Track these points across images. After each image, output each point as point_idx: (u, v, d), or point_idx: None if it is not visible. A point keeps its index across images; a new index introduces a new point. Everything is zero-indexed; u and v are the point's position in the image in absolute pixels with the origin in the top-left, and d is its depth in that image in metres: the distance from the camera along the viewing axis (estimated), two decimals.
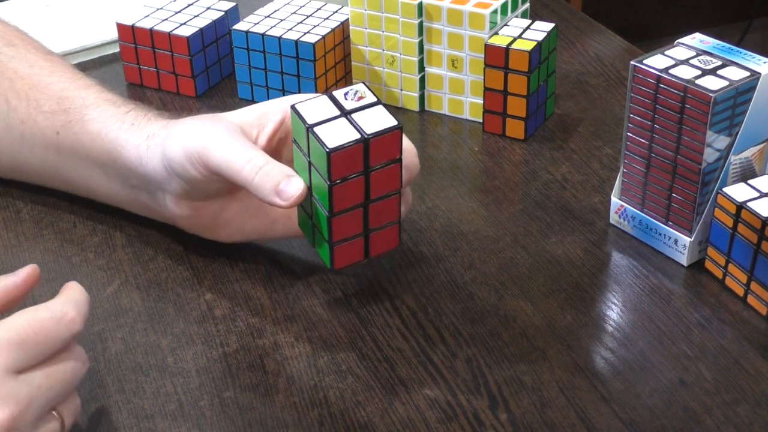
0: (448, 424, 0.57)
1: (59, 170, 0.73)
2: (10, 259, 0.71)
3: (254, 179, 0.60)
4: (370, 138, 0.58)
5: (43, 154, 0.72)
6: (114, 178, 0.70)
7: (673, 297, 0.66)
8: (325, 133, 0.58)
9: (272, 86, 0.89)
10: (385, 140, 0.59)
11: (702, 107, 0.64)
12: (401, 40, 0.86)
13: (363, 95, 0.60)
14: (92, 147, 0.70)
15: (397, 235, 0.63)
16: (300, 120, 0.59)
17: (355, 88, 0.61)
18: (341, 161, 0.58)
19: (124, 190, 0.70)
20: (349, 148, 0.58)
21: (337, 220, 0.60)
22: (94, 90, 0.73)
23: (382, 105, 0.60)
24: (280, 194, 0.60)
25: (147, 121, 0.69)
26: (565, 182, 0.78)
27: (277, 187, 0.60)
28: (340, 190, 0.59)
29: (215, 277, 0.69)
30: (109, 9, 1.05)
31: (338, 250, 0.61)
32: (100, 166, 0.70)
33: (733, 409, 0.57)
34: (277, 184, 0.60)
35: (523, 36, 0.83)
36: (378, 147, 0.59)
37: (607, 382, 0.59)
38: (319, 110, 0.59)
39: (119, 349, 0.63)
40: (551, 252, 0.70)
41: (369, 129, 0.58)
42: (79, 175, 0.72)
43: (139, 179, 0.68)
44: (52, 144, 0.71)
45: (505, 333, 0.63)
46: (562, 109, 0.89)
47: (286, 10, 0.91)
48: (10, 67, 0.74)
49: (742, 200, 0.64)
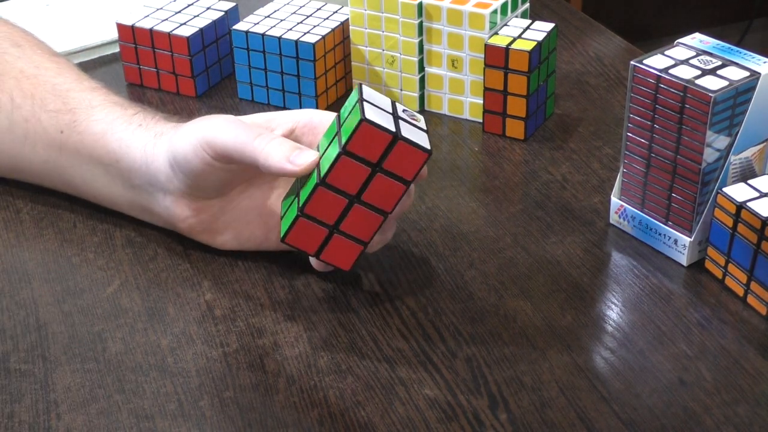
0: (448, 424, 0.57)
1: (60, 170, 0.73)
2: (10, 259, 0.71)
3: (264, 148, 0.61)
4: (400, 139, 0.59)
5: (45, 153, 0.72)
6: (115, 179, 0.70)
7: (673, 297, 0.66)
8: (370, 110, 0.59)
9: (272, 86, 0.89)
10: (410, 151, 0.60)
11: (702, 107, 0.64)
12: (401, 40, 0.86)
13: (418, 120, 0.63)
14: (95, 147, 0.70)
15: (354, 259, 0.63)
16: (358, 93, 0.61)
17: (416, 113, 0.63)
18: (365, 136, 0.58)
19: (125, 192, 0.71)
20: (378, 131, 0.58)
21: (322, 192, 0.60)
22: (100, 92, 0.73)
23: (426, 133, 0.62)
24: (293, 160, 0.60)
25: (155, 123, 0.69)
26: (565, 182, 0.78)
27: (289, 156, 0.60)
28: (345, 163, 0.59)
29: (215, 277, 0.69)
30: (109, 9, 1.06)
31: (300, 224, 0.61)
32: (102, 167, 0.70)
33: (732, 409, 0.57)
34: (289, 153, 0.60)
35: (523, 36, 0.83)
36: (401, 152, 0.59)
37: (607, 382, 0.59)
38: (378, 100, 0.61)
39: (119, 349, 0.63)
40: (551, 252, 0.70)
41: (405, 134, 0.60)
42: (80, 175, 0.72)
43: (141, 179, 0.68)
44: (55, 143, 0.72)
45: (505, 333, 0.63)
46: (562, 109, 0.89)
47: (286, 10, 0.91)
48: (16, 66, 0.75)
49: (742, 200, 0.64)
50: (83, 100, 0.72)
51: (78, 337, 0.64)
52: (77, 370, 0.61)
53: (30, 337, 0.64)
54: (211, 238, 0.69)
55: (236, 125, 0.62)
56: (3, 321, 0.65)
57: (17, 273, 0.70)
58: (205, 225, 0.68)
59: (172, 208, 0.68)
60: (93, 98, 0.72)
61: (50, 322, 0.65)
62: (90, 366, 0.61)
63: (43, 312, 0.66)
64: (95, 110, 0.71)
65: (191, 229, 0.69)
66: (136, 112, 0.71)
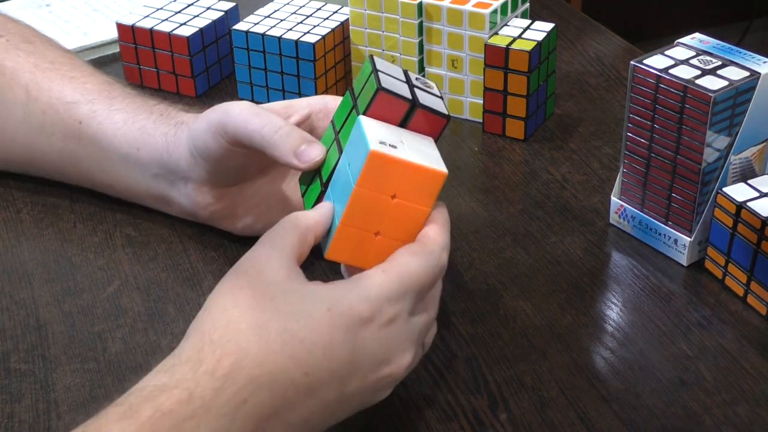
0: (448, 424, 0.57)
1: (77, 160, 0.73)
2: (10, 259, 0.71)
3: (273, 137, 0.60)
4: (418, 106, 0.58)
5: (62, 144, 0.73)
6: (134, 168, 0.70)
7: (673, 297, 0.66)
8: (386, 79, 0.58)
9: (272, 86, 0.89)
10: (428, 118, 0.59)
11: (702, 107, 0.64)
12: (401, 40, 0.86)
13: (431, 87, 0.61)
14: (116, 136, 0.70)
15: None
16: (371, 65, 0.59)
17: (429, 80, 0.62)
18: (383, 105, 0.57)
19: (144, 181, 0.71)
20: (396, 98, 0.58)
21: None
22: (118, 85, 0.74)
23: (442, 99, 0.61)
24: (300, 156, 0.60)
25: (177, 112, 0.70)
26: (565, 182, 0.78)
27: (297, 149, 0.60)
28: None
29: (215, 277, 0.69)
30: (109, 9, 1.06)
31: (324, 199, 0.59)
32: (121, 156, 0.70)
33: (732, 409, 0.57)
34: (296, 146, 0.60)
35: (523, 36, 0.83)
36: (419, 119, 0.58)
37: (607, 382, 0.59)
38: (391, 69, 0.60)
39: (119, 349, 0.63)
40: (551, 252, 0.70)
41: (422, 101, 0.58)
42: (97, 165, 0.72)
43: (162, 168, 0.68)
44: (73, 133, 0.72)
45: (505, 333, 0.63)
46: (562, 109, 0.89)
47: (286, 10, 0.91)
48: (30, 61, 0.75)
49: (742, 200, 0.64)
50: (102, 91, 0.73)
51: (78, 337, 0.64)
52: (77, 370, 0.61)
53: (30, 337, 0.64)
54: (231, 224, 0.70)
55: (250, 112, 0.62)
56: (3, 321, 0.65)
57: (17, 273, 0.70)
58: (227, 211, 0.69)
59: (194, 195, 0.68)
60: (111, 90, 0.73)
61: (50, 322, 0.65)
62: (90, 366, 0.61)
63: (43, 312, 0.66)
64: (115, 101, 0.72)
65: (212, 216, 0.69)
66: (156, 103, 0.72)
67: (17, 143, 0.75)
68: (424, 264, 0.54)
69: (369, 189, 0.55)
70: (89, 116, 0.71)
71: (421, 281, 0.53)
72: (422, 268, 0.54)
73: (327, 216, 0.56)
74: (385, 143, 0.55)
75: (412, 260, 0.53)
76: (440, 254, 0.55)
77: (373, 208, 0.55)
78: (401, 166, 0.55)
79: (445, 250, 0.55)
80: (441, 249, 0.55)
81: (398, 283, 0.53)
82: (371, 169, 0.54)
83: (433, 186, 0.56)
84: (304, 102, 0.66)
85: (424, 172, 0.55)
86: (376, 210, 0.55)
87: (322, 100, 0.66)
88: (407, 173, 0.55)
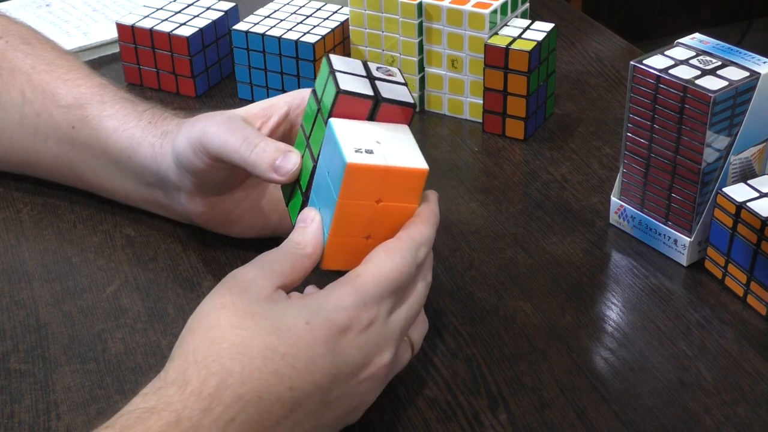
0: (447, 424, 0.57)
1: (72, 165, 0.73)
2: (10, 259, 0.71)
3: (250, 157, 0.60)
4: (381, 101, 0.58)
5: (57, 147, 0.73)
6: (128, 175, 0.70)
7: (672, 297, 0.66)
8: (344, 79, 0.58)
9: (272, 86, 0.89)
10: (394, 110, 0.58)
11: (702, 107, 0.64)
12: (401, 40, 0.86)
13: (393, 74, 0.61)
14: (108, 143, 0.70)
15: None
16: (328, 65, 0.59)
17: (390, 67, 0.61)
18: (346, 107, 0.57)
19: (139, 188, 0.71)
20: (358, 98, 0.57)
21: None
22: (111, 89, 0.74)
23: (406, 86, 0.60)
24: (277, 170, 0.59)
25: (163, 120, 0.69)
26: (565, 182, 0.78)
27: (273, 164, 0.59)
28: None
29: (215, 277, 0.69)
30: (109, 9, 1.06)
31: None
32: (114, 163, 0.70)
33: (732, 409, 0.57)
34: (273, 160, 0.59)
35: (523, 36, 0.83)
36: (386, 113, 0.58)
37: (607, 382, 0.59)
38: (349, 65, 0.60)
39: (119, 349, 0.63)
40: (551, 252, 0.70)
41: (384, 95, 0.58)
42: (92, 171, 0.72)
43: (154, 177, 0.69)
44: (67, 138, 0.72)
45: (505, 333, 0.63)
46: (562, 109, 0.89)
47: (286, 10, 0.91)
48: (27, 63, 0.75)
49: (742, 200, 0.64)
50: (95, 95, 0.72)
51: (78, 337, 0.64)
52: (77, 371, 0.61)
53: (30, 337, 0.64)
54: (229, 229, 0.70)
55: (226, 129, 0.62)
56: (3, 321, 0.65)
57: (17, 273, 0.70)
58: (221, 217, 0.69)
59: (186, 204, 0.68)
60: (104, 94, 0.72)
61: (50, 322, 0.65)
62: (90, 366, 0.61)
63: (43, 312, 0.66)
64: (106, 106, 0.71)
65: (208, 223, 0.69)
66: (146, 109, 0.71)
67: (14, 145, 0.75)
68: (399, 262, 0.53)
69: (352, 199, 0.54)
70: (82, 121, 0.71)
71: (397, 281, 0.53)
72: (398, 267, 0.53)
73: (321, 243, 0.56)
74: (360, 150, 0.54)
75: (387, 260, 0.53)
76: (417, 250, 0.55)
77: (360, 215, 0.55)
78: (381, 172, 0.54)
79: (424, 245, 0.55)
80: (418, 245, 0.55)
81: (373, 285, 0.52)
82: (351, 180, 0.54)
83: (417, 184, 0.55)
84: (282, 100, 0.66)
85: (404, 173, 0.55)
86: (363, 217, 0.55)
87: (299, 95, 0.66)
88: (388, 177, 0.54)
